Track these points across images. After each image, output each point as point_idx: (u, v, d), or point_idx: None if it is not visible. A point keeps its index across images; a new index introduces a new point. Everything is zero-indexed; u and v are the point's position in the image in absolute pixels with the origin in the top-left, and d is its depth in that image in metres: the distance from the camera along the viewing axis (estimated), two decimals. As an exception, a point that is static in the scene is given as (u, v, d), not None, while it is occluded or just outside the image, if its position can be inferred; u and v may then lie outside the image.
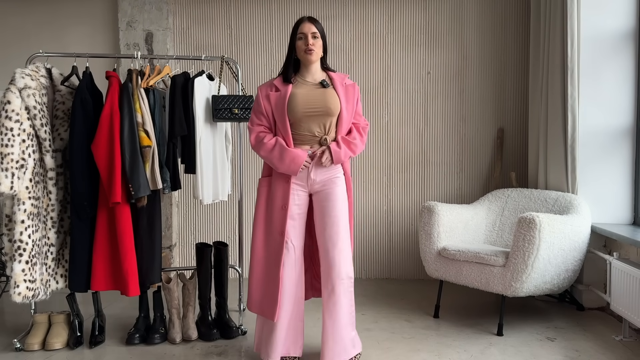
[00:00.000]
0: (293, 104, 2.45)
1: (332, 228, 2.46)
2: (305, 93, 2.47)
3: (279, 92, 2.50)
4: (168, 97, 2.90)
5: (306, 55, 2.47)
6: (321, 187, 2.50)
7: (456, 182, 4.14)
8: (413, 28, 4.11)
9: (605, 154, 3.32)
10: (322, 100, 2.46)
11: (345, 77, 2.58)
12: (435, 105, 4.13)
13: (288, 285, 2.47)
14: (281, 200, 2.49)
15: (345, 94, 2.53)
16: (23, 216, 2.56)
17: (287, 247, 2.47)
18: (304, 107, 2.44)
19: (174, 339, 2.83)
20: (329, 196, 2.49)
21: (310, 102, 2.45)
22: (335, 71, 2.59)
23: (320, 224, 2.50)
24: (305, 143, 2.48)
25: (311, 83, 2.51)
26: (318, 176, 2.49)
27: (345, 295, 2.45)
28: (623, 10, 3.29)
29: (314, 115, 2.45)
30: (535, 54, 3.69)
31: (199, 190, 2.93)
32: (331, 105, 2.46)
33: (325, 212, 2.48)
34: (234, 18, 4.15)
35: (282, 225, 2.47)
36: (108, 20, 4.16)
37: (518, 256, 2.81)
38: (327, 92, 2.48)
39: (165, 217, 3.97)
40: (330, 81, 2.54)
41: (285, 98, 2.46)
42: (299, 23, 2.51)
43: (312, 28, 2.47)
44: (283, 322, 2.48)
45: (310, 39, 2.46)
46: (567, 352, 2.69)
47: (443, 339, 2.88)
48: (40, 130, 2.64)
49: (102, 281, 2.74)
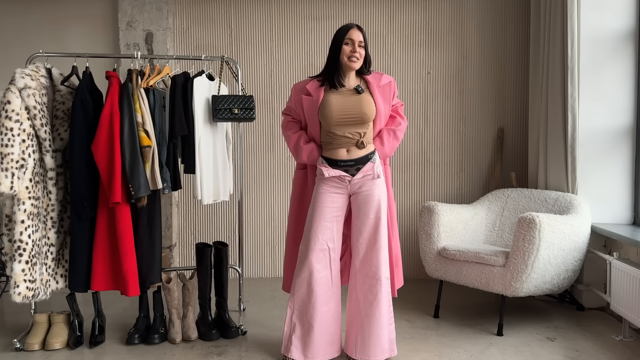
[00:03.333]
0: (326, 110, 2.46)
1: (372, 229, 2.48)
2: (339, 100, 2.47)
3: (311, 98, 2.51)
4: (168, 97, 2.90)
5: (349, 62, 2.47)
6: (360, 189, 2.51)
7: (456, 182, 4.14)
8: (413, 28, 4.11)
9: (605, 153, 3.31)
10: (357, 107, 2.46)
11: (381, 77, 2.57)
12: (435, 105, 4.13)
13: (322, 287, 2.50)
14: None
15: (382, 95, 2.54)
16: (23, 216, 2.56)
17: (322, 248, 2.50)
18: (338, 114, 2.45)
19: (174, 339, 2.83)
20: (369, 197, 2.49)
21: (345, 109, 2.45)
22: (370, 73, 2.58)
23: (358, 224, 2.51)
24: (342, 146, 2.50)
25: (345, 89, 2.51)
26: (357, 177, 2.50)
27: (384, 295, 2.49)
28: (623, 10, 3.29)
29: (349, 122, 2.46)
30: (535, 54, 3.69)
31: (199, 190, 2.93)
32: (367, 111, 2.46)
33: (365, 213, 2.49)
34: (234, 18, 4.15)
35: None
36: (108, 20, 4.16)
37: (518, 256, 2.81)
38: (362, 98, 2.48)
39: (165, 217, 3.97)
40: (367, 84, 2.53)
41: (317, 104, 2.48)
42: (347, 28, 2.49)
43: (360, 36, 2.48)
44: (318, 323, 2.50)
45: (356, 47, 2.47)
46: (567, 352, 2.69)
47: (443, 339, 2.88)
48: (40, 130, 2.64)
49: (102, 281, 2.74)
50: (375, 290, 2.48)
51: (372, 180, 2.50)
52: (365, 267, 2.50)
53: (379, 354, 2.50)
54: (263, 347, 2.77)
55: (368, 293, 2.49)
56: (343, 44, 2.47)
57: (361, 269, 2.51)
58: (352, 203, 2.54)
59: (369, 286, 2.49)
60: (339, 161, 2.49)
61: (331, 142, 2.51)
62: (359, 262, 2.51)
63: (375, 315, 2.48)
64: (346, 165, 2.48)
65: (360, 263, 2.51)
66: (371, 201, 2.49)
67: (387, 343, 2.54)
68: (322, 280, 2.50)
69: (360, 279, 2.51)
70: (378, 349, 2.50)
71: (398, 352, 2.68)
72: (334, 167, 2.49)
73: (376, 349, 2.49)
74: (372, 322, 2.48)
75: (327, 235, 2.50)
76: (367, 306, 2.49)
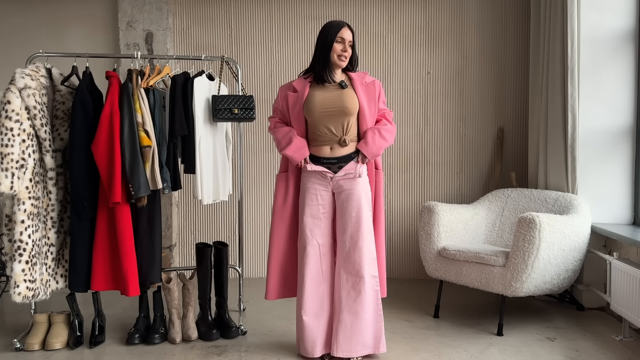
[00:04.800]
0: (311, 104, 2.51)
1: (353, 227, 2.51)
2: (323, 93, 2.52)
3: (297, 94, 2.57)
4: (168, 97, 2.90)
5: (339, 60, 2.52)
6: (342, 187, 2.54)
7: (456, 182, 4.14)
8: (413, 28, 4.11)
9: (605, 153, 3.31)
10: (339, 100, 2.50)
11: (364, 76, 2.61)
12: (435, 105, 4.13)
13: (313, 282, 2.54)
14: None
15: (366, 92, 2.57)
16: (23, 216, 2.56)
17: (312, 244, 2.53)
18: (321, 107, 2.50)
19: (174, 339, 2.83)
20: (350, 196, 2.53)
21: (328, 102, 2.50)
22: (356, 71, 2.62)
23: (341, 223, 2.54)
24: (325, 143, 2.54)
25: (331, 84, 2.55)
26: (339, 175, 2.54)
27: (369, 292, 2.51)
28: (623, 10, 3.29)
29: (331, 115, 2.50)
30: (535, 54, 3.69)
31: (199, 190, 2.93)
32: (348, 104, 2.50)
33: (346, 211, 2.53)
34: (234, 18, 4.15)
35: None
36: (108, 20, 4.16)
37: (518, 256, 2.81)
38: (344, 92, 2.52)
39: (165, 217, 3.97)
40: (350, 81, 2.58)
41: (302, 99, 2.53)
42: (339, 27, 2.52)
43: (351, 36, 2.53)
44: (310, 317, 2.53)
45: (347, 46, 2.52)
46: (567, 352, 2.69)
47: (443, 339, 2.88)
48: (40, 130, 2.64)
49: (102, 281, 2.74)
50: (358, 288, 2.50)
51: (353, 179, 2.54)
52: (349, 265, 2.52)
53: (360, 349, 2.52)
54: (263, 347, 2.77)
55: (351, 290, 2.51)
56: (335, 42, 2.50)
57: (344, 266, 2.53)
58: (335, 201, 2.59)
59: (352, 283, 2.51)
60: (322, 158, 2.55)
61: (315, 139, 2.56)
62: (343, 260, 2.54)
63: (358, 312, 2.49)
64: (329, 162, 2.54)
65: (343, 260, 2.53)
66: (352, 199, 2.52)
67: (370, 339, 2.54)
68: (313, 276, 2.54)
69: (343, 276, 2.53)
70: (359, 344, 2.51)
71: (398, 352, 2.68)
72: (317, 163, 2.55)
73: (358, 344, 2.51)
74: (356, 319, 2.50)
75: (317, 232, 2.55)
76: (349, 302, 2.50)
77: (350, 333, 2.50)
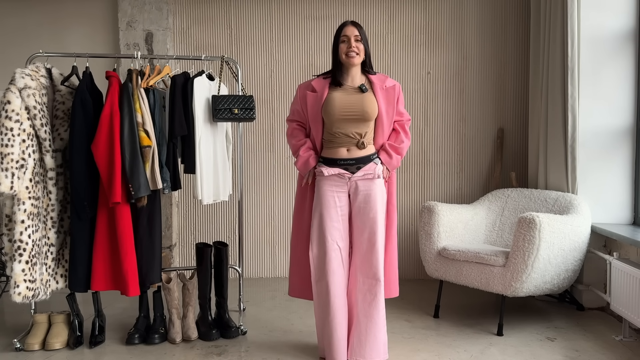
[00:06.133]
0: (329, 106, 2.49)
1: (371, 229, 2.49)
2: (343, 97, 2.50)
3: (316, 94, 2.54)
4: (168, 97, 2.90)
5: (347, 59, 2.49)
6: (359, 187, 2.52)
7: (456, 182, 4.14)
8: (413, 28, 4.11)
9: (606, 153, 3.31)
10: (360, 105, 2.48)
11: (385, 79, 2.58)
12: (435, 105, 4.13)
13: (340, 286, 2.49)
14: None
15: (386, 97, 2.54)
16: (23, 216, 2.56)
17: (333, 248, 2.49)
18: (340, 110, 2.47)
19: (174, 339, 2.83)
20: (368, 197, 2.50)
21: (347, 106, 2.47)
22: (376, 73, 2.59)
23: (359, 224, 2.52)
24: (342, 145, 2.52)
25: (350, 87, 2.53)
26: (357, 176, 2.51)
27: (382, 296, 2.50)
28: (623, 10, 3.29)
29: (350, 119, 2.48)
30: (535, 54, 3.69)
31: (199, 190, 2.93)
32: (368, 109, 2.48)
33: (364, 212, 2.50)
34: (234, 18, 4.15)
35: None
36: (108, 20, 4.16)
37: (518, 256, 2.81)
38: (365, 96, 2.49)
39: (165, 217, 3.97)
40: (370, 85, 2.54)
41: (321, 100, 2.51)
42: (342, 26, 2.52)
43: (355, 31, 2.50)
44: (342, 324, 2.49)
45: (352, 42, 2.48)
46: (567, 352, 2.69)
47: (443, 339, 2.88)
48: (40, 130, 2.64)
49: (102, 281, 2.74)
50: (374, 291, 2.48)
51: (371, 179, 2.52)
52: (365, 267, 2.50)
53: (374, 355, 2.50)
54: (263, 347, 2.77)
55: (367, 293, 2.49)
56: (340, 42, 2.51)
57: (361, 269, 2.51)
58: (351, 203, 2.55)
59: (369, 286, 2.49)
60: (338, 160, 2.51)
61: (332, 140, 2.53)
62: (359, 262, 2.51)
63: (373, 316, 2.48)
64: (346, 164, 2.51)
65: (360, 262, 2.51)
66: (370, 200, 2.50)
67: (382, 345, 2.53)
68: (339, 280, 2.50)
69: (360, 278, 2.51)
70: (374, 350, 2.50)
71: (398, 352, 2.68)
72: (333, 166, 2.52)
73: (372, 350, 2.49)
74: (370, 322, 2.48)
75: (336, 235, 2.51)
76: (365, 306, 2.49)
77: (365, 338, 2.48)
